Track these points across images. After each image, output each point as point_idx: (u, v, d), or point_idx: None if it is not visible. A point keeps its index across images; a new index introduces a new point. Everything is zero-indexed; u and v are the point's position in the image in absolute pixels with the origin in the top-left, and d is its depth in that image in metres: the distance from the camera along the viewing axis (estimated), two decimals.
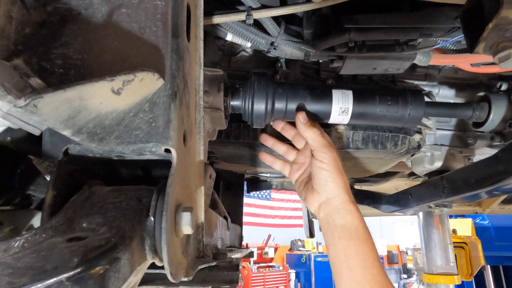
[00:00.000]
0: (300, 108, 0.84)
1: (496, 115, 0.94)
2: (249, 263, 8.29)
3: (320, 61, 0.89)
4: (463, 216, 3.80)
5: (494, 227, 3.71)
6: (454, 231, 3.16)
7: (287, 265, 8.97)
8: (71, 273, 0.33)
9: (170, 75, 0.46)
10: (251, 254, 1.62)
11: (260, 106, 0.87)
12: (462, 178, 1.06)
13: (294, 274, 8.75)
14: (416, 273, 2.29)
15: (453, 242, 2.64)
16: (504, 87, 0.98)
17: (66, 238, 0.38)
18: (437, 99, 1.17)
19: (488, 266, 3.93)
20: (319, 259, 8.51)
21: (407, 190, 1.40)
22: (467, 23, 0.55)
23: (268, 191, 9.22)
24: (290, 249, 9.59)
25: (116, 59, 0.45)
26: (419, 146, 1.12)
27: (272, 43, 0.75)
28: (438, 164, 1.20)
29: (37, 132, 0.37)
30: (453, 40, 0.70)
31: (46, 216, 0.43)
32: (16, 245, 0.37)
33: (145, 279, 0.56)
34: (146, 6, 0.47)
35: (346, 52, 0.73)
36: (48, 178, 0.57)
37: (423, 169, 1.24)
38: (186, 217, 0.48)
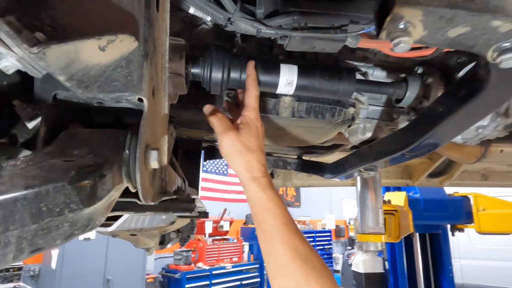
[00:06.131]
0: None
1: (411, 93, 1.16)
2: (204, 236, 8.51)
3: (272, 38, 1.03)
4: (399, 189, 4.25)
5: (424, 200, 4.20)
6: (389, 201, 3.55)
7: (241, 237, 9.33)
8: (71, 180, 0.45)
9: (143, 39, 0.57)
10: (206, 214, 1.76)
11: (217, 74, 0.99)
12: (385, 144, 1.28)
13: (248, 246, 9.14)
14: (357, 241, 2.60)
15: (385, 210, 3.00)
16: (420, 70, 1.20)
17: (61, 160, 0.49)
18: (371, 79, 1.37)
19: (417, 233, 4.45)
20: None
21: (344, 158, 1.63)
22: (378, 15, 0.72)
23: (225, 167, 9.38)
24: (245, 223, 9.95)
25: (98, 23, 0.55)
26: (353, 118, 1.31)
27: (229, 19, 0.88)
28: (368, 135, 1.42)
29: (39, 76, 0.47)
30: (372, 28, 0.87)
31: (40, 147, 0.53)
32: (22, 161, 0.47)
33: (120, 207, 0.68)
34: None
35: (291, 31, 0.87)
36: (27, 124, 0.66)
37: (357, 138, 1.45)
38: (154, 154, 0.60)
